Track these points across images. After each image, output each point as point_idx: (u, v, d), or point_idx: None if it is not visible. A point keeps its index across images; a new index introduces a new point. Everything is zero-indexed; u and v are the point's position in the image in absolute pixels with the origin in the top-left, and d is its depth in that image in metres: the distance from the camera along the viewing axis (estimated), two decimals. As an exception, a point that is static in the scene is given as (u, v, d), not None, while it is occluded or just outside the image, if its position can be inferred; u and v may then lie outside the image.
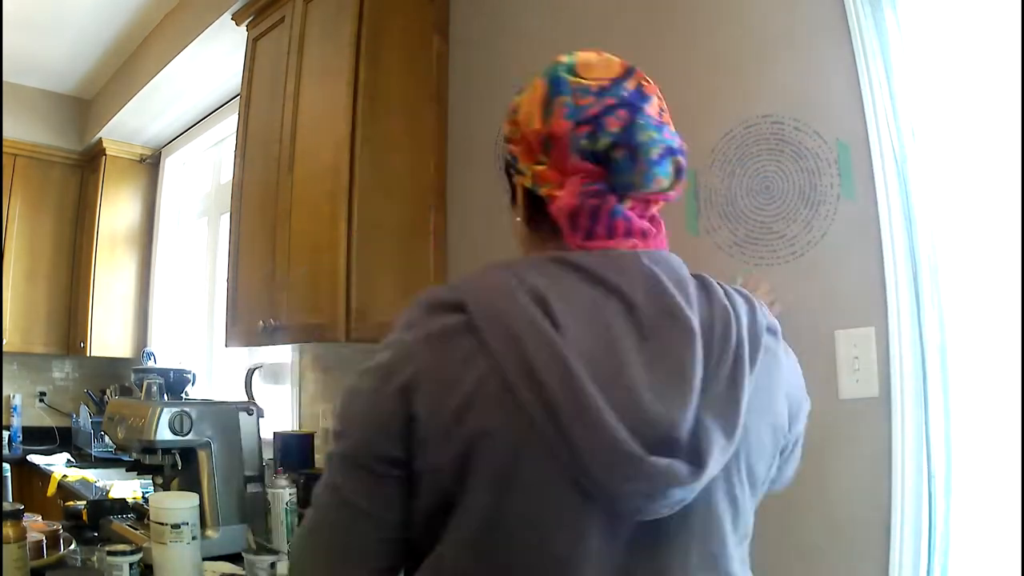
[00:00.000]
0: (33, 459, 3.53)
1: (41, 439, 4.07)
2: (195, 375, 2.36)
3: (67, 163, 4.24)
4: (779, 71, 1.45)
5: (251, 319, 2.27)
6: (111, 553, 1.46)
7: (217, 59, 3.09)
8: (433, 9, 2.27)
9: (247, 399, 2.09)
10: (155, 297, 4.10)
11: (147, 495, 2.21)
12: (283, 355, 2.86)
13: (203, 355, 3.60)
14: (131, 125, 3.93)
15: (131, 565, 1.46)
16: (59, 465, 3.35)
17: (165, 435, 1.75)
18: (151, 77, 3.40)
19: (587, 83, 0.74)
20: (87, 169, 4.25)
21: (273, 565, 1.53)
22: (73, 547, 1.69)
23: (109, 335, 4.00)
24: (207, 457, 1.81)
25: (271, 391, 2.88)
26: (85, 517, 1.95)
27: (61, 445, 3.96)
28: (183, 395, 2.25)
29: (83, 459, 3.56)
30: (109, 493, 2.57)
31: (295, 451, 2.37)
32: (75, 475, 3.08)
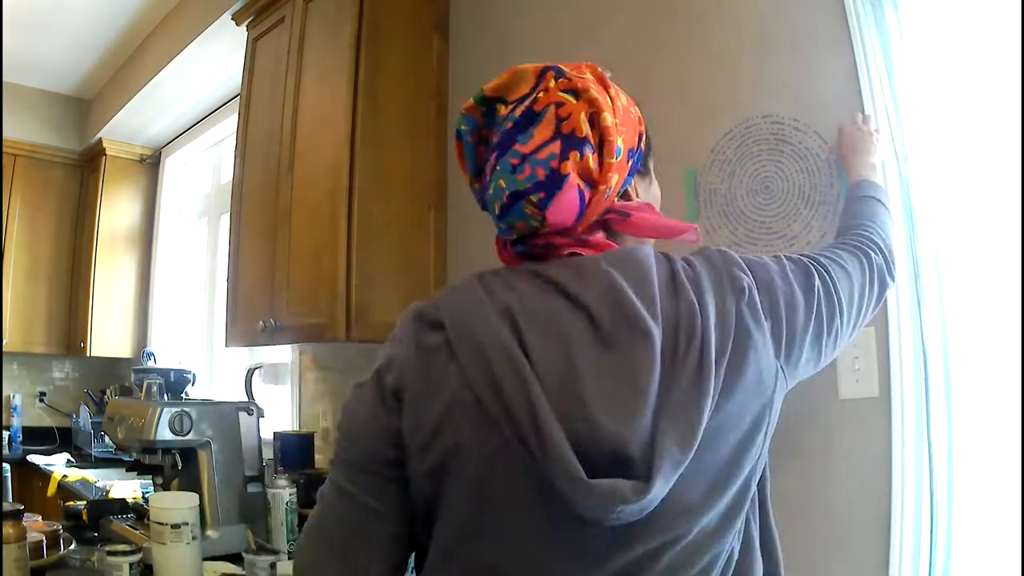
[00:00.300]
0: (33, 459, 3.53)
1: (41, 439, 4.07)
2: (195, 375, 2.36)
3: (67, 163, 4.24)
4: (779, 71, 1.45)
5: (251, 319, 2.27)
6: (111, 553, 1.46)
7: (217, 59, 3.09)
8: (433, 9, 2.27)
9: (247, 399, 2.09)
10: (155, 297, 4.10)
11: (147, 495, 2.21)
12: (283, 355, 2.86)
13: (203, 355, 3.59)
14: (131, 125, 3.93)
15: (131, 565, 1.45)
16: (59, 465, 3.35)
17: (165, 435, 1.75)
18: (151, 77, 3.40)
19: (501, 113, 0.77)
20: (87, 169, 4.25)
21: (273, 565, 1.53)
22: (73, 547, 1.69)
23: (109, 335, 4.00)
24: (207, 457, 1.81)
25: (271, 391, 2.88)
26: (85, 517, 1.95)
27: (61, 445, 3.96)
28: (183, 395, 2.25)
29: (83, 459, 3.56)
30: (109, 493, 2.57)
31: (295, 451, 2.37)
32: (75, 475, 3.08)
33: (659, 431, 0.64)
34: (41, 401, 4.29)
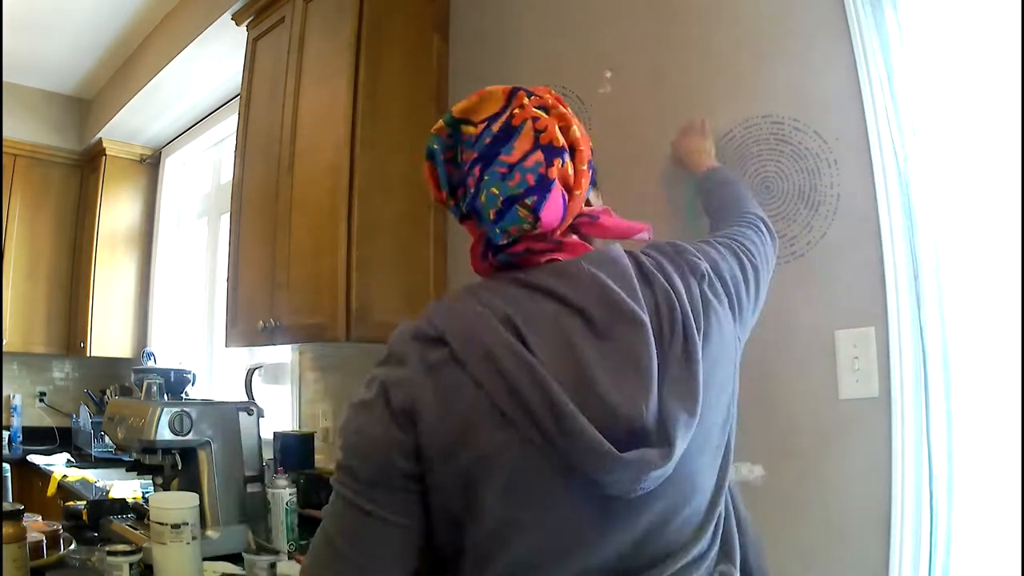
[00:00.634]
0: (33, 459, 3.53)
1: (41, 439, 4.07)
2: (195, 375, 2.36)
3: (67, 163, 4.24)
4: (779, 71, 1.45)
5: (251, 319, 2.27)
6: (111, 553, 1.46)
7: (217, 59, 3.09)
8: (433, 9, 2.27)
9: (247, 399, 2.09)
10: (155, 297, 4.10)
11: (147, 495, 2.21)
12: (283, 355, 2.86)
13: (203, 355, 3.60)
14: (131, 125, 3.93)
15: (131, 565, 1.45)
16: (59, 465, 3.35)
17: (165, 435, 1.75)
18: (151, 77, 3.40)
19: (469, 132, 0.83)
20: (87, 169, 4.25)
21: (273, 565, 1.53)
22: (73, 547, 1.69)
23: (109, 335, 4.00)
24: (207, 457, 1.81)
25: (271, 391, 2.88)
26: (85, 517, 1.95)
27: (61, 445, 3.96)
28: (183, 395, 2.25)
29: (83, 459, 3.56)
30: (109, 493, 2.57)
31: (295, 451, 2.37)
32: (75, 475, 3.08)
33: (666, 403, 0.73)
34: (41, 401, 4.29)
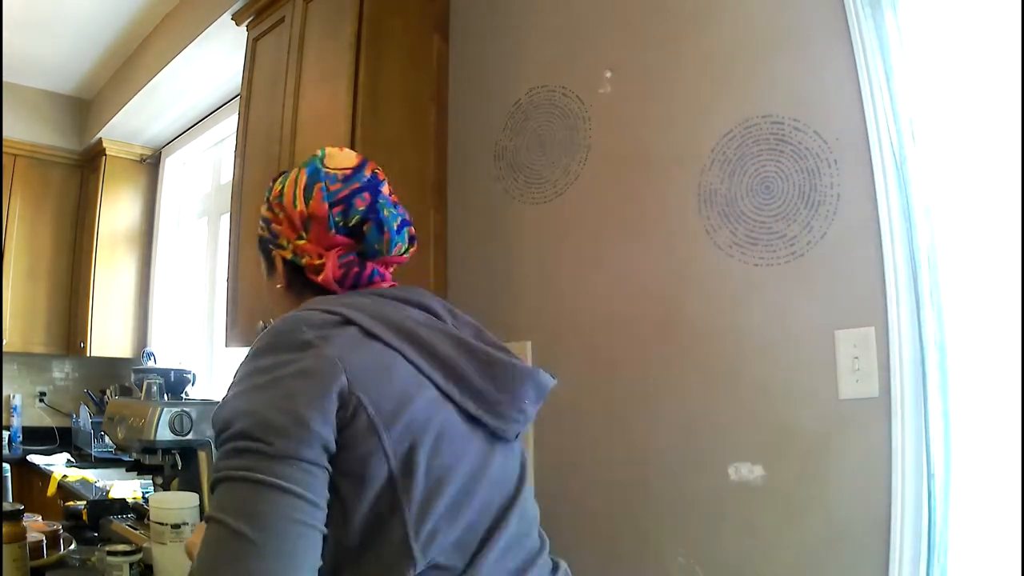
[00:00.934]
0: (33, 459, 3.52)
1: (41, 439, 4.07)
2: (195, 375, 2.36)
3: (67, 163, 4.24)
4: (779, 71, 1.45)
5: (251, 319, 2.27)
6: (111, 553, 1.46)
7: (217, 59, 3.09)
8: (433, 9, 2.27)
9: (247, 399, 2.08)
10: (155, 297, 4.10)
11: (147, 495, 2.21)
12: (283, 355, 2.85)
13: (203, 355, 3.60)
14: (131, 125, 3.93)
15: (131, 565, 1.45)
16: (59, 465, 3.35)
17: (165, 435, 1.74)
18: (151, 77, 3.40)
19: (334, 172, 0.97)
20: (87, 169, 4.25)
21: (273, 565, 1.53)
22: (73, 547, 1.69)
23: (109, 335, 4.00)
24: (207, 457, 1.81)
25: (271, 391, 2.87)
26: (85, 517, 1.95)
27: (61, 445, 3.96)
28: (183, 395, 2.25)
29: (83, 459, 3.56)
30: (109, 493, 2.57)
31: (295, 451, 2.36)
32: (75, 475, 3.08)
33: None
34: (41, 401, 4.29)
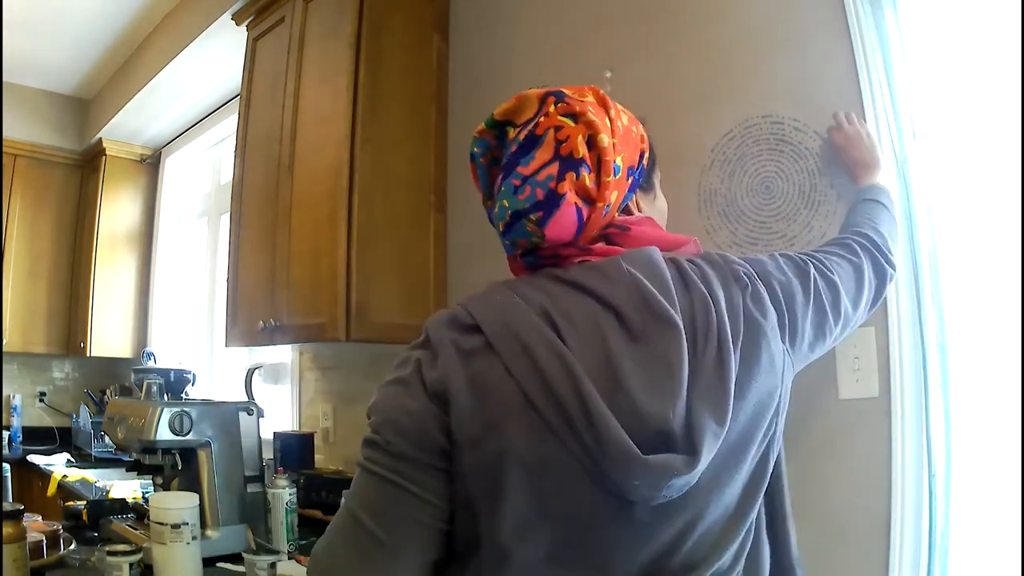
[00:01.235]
0: (33, 459, 3.52)
1: (41, 439, 4.07)
2: (195, 375, 2.36)
3: (67, 163, 4.24)
4: (779, 71, 1.45)
5: (251, 319, 2.27)
6: (111, 553, 1.46)
7: (217, 59, 3.09)
8: (433, 9, 2.27)
9: (247, 399, 2.09)
10: (155, 297, 4.10)
11: (147, 495, 2.21)
12: (283, 355, 2.86)
13: (203, 355, 3.60)
14: (131, 125, 3.93)
15: (131, 565, 1.45)
16: (59, 465, 3.35)
17: (165, 435, 1.75)
18: (151, 77, 3.40)
19: (511, 135, 0.82)
20: (87, 169, 4.25)
21: (273, 565, 1.53)
22: (73, 547, 1.69)
23: (109, 335, 4.00)
24: (207, 457, 1.81)
25: (271, 391, 2.88)
26: (85, 517, 1.95)
27: (61, 445, 3.96)
28: (183, 395, 2.25)
29: (83, 459, 3.56)
30: (109, 493, 2.57)
31: (295, 451, 2.37)
32: (75, 475, 3.08)
33: (695, 409, 0.70)
34: (41, 401, 4.29)
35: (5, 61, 3.59)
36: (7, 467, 3.21)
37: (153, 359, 3.42)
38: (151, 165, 4.25)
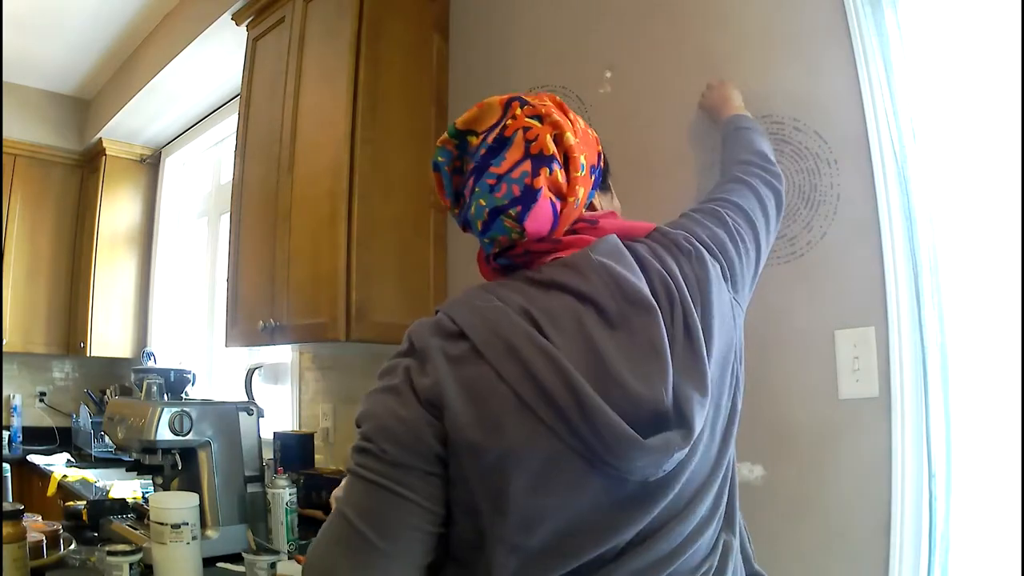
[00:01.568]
0: (33, 459, 3.52)
1: (41, 439, 4.07)
2: (195, 375, 2.36)
3: (67, 163, 4.24)
4: (779, 71, 1.45)
5: (251, 319, 2.27)
6: (111, 553, 1.46)
7: (217, 59, 3.09)
8: (433, 9, 2.27)
9: (247, 399, 2.09)
10: (155, 297, 4.10)
11: (147, 495, 2.21)
12: (283, 355, 2.86)
13: (203, 355, 3.60)
14: (131, 125, 3.93)
15: (131, 565, 1.45)
16: (59, 465, 3.35)
17: (165, 435, 1.74)
18: (151, 77, 3.40)
19: (473, 143, 0.85)
20: (87, 169, 4.25)
21: (273, 565, 1.53)
22: (73, 547, 1.69)
23: (109, 335, 4.00)
24: (207, 457, 1.81)
25: (271, 391, 2.88)
26: (85, 517, 1.95)
27: (61, 445, 3.96)
28: (183, 395, 2.26)
29: (83, 459, 3.56)
30: (109, 493, 2.57)
31: (295, 451, 2.37)
32: (75, 475, 3.08)
33: (680, 384, 0.74)
34: (41, 401, 4.29)
35: (5, 61, 3.59)
36: (7, 467, 3.21)
37: (153, 359, 3.42)
38: (151, 165, 4.25)
